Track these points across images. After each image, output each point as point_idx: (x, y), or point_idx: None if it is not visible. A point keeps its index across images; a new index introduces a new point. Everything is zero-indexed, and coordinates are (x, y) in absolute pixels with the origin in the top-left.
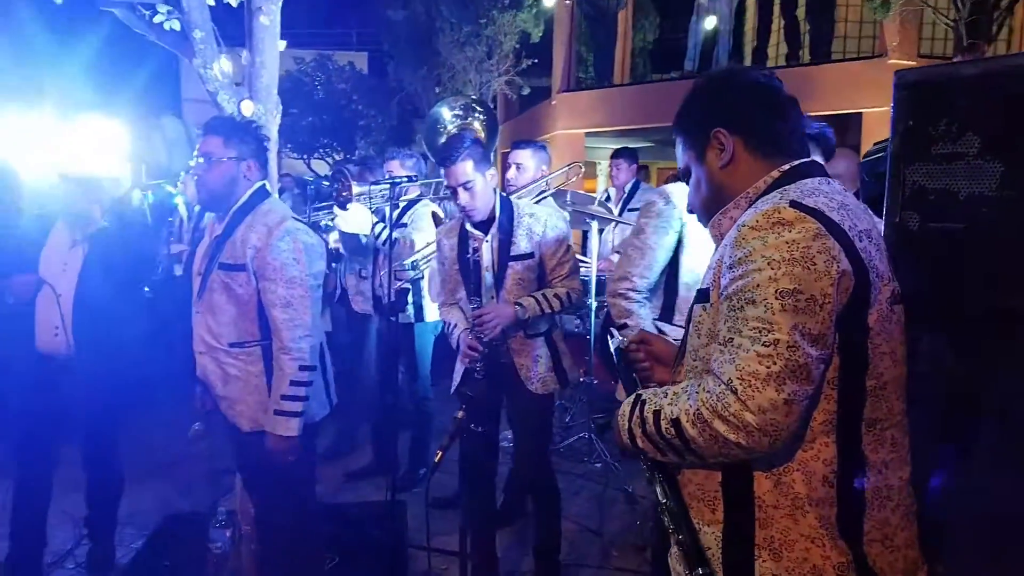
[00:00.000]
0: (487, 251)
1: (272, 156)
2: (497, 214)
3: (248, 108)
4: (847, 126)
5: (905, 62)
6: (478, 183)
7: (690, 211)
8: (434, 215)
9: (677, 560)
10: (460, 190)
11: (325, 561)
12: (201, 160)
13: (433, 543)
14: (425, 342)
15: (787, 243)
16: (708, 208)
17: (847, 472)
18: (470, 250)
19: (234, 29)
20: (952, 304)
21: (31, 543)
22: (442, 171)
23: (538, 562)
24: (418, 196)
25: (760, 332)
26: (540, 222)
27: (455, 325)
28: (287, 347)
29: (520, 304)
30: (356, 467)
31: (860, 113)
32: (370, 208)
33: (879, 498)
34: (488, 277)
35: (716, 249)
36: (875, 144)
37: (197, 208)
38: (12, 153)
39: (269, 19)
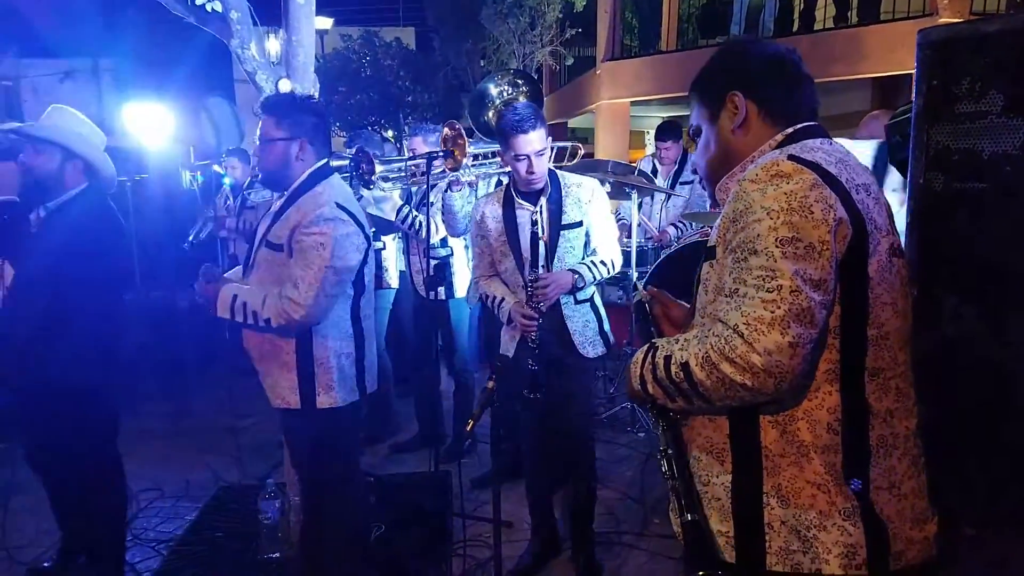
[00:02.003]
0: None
1: None
2: (547, 185)
3: (285, 87)
4: (898, 88)
5: (957, 20)
6: (546, 152)
7: (696, 172)
8: None
9: (677, 513)
10: (533, 157)
11: (372, 530)
12: (258, 141)
13: (481, 511)
14: (460, 316)
15: (785, 194)
16: (714, 168)
17: (851, 420)
18: (528, 220)
19: (274, 9)
20: (977, 265)
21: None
22: (512, 140)
23: (574, 527)
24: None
25: (764, 279)
26: (587, 191)
27: (501, 299)
28: (279, 309)
29: (577, 272)
30: (402, 440)
31: (910, 74)
32: (395, 186)
33: (884, 446)
34: (540, 246)
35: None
36: (902, 105)
37: (247, 183)
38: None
39: None
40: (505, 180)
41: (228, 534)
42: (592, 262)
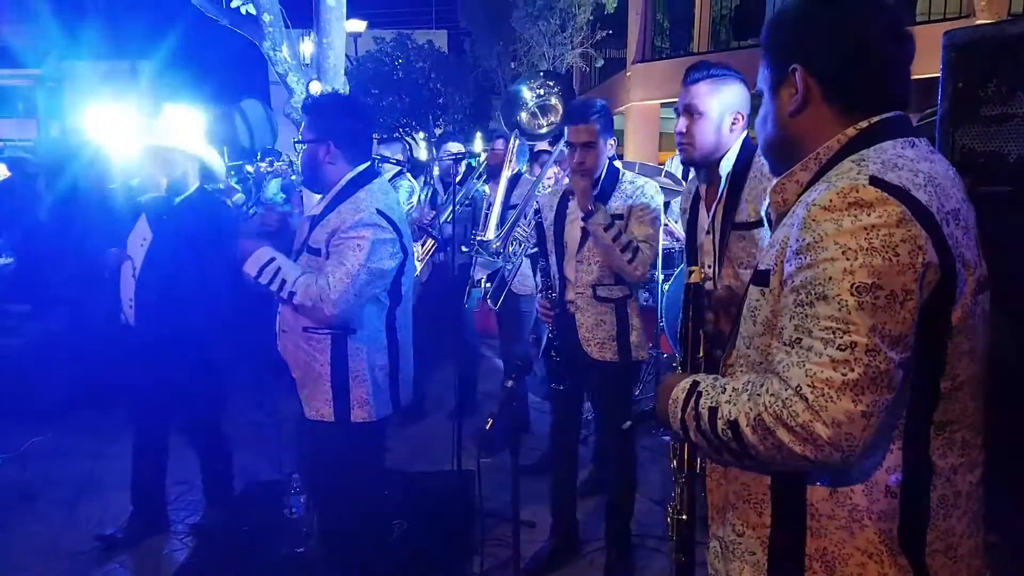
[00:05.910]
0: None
1: None
2: (601, 179)
3: (316, 88)
4: (932, 91)
5: (991, 22)
6: (598, 147)
7: (758, 146)
8: None
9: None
10: (579, 148)
11: (393, 527)
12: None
13: (506, 512)
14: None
15: (865, 229)
16: (773, 152)
17: (913, 481)
18: (576, 213)
19: (307, 12)
20: (1002, 271)
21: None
22: (566, 129)
23: (608, 526)
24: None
25: (834, 333)
26: (638, 188)
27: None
28: (311, 291)
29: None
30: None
31: None
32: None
33: (945, 507)
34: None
35: (779, 224)
36: (927, 109)
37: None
38: (109, 138)
39: (335, 0)
40: None
41: (254, 528)
42: (620, 230)
